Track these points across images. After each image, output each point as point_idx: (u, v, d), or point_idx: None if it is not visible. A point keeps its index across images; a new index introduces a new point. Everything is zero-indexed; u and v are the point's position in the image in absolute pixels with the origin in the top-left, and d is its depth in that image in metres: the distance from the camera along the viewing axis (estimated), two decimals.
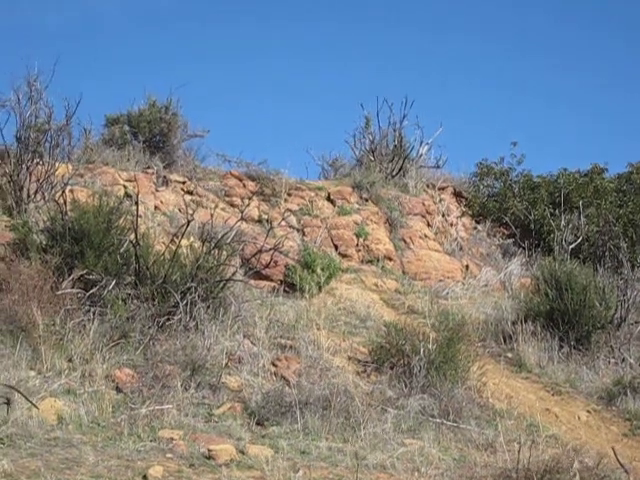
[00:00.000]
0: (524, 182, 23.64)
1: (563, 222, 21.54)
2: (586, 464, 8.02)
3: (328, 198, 21.02)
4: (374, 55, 48.28)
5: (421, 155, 24.07)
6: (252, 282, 16.37)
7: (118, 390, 11.62)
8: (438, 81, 46.38)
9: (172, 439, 10.30)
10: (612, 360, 16.08)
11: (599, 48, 49.73)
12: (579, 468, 7.69)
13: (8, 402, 8.70)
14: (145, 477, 8.98)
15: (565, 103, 48.65)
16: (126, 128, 21.01)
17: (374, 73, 44.92)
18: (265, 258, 16.17)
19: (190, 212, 14.85)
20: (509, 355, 16.04)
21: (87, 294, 13.25)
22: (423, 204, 22.30)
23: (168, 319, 13.37)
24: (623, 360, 16.00)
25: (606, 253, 20.95)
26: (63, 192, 14.62)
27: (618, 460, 7.74)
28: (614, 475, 7.92)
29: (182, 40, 48.97)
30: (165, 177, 19.53)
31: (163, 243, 15.20)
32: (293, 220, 19.89)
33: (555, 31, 49.58)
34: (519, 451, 8.35)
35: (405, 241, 20.89)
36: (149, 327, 13.01)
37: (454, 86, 47.70)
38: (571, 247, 20.86)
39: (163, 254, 14.20)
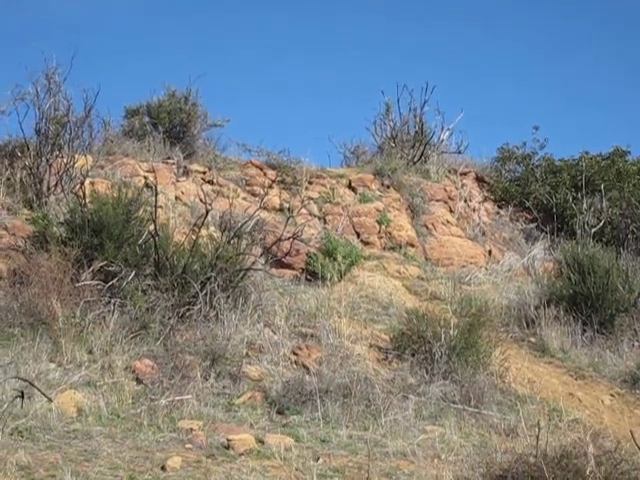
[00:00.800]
0: (546, 166, 23.43)
1: (585, 205, 21.39)
2: (605, 448, 7.98)
3: (349, 185, 20.94)
4: (395, 43, 48.12)
5: (442, 141, 23.92)
6: (274, 271, 16.36)
7: (138, 381, 11.64)
8: (459, 67, 46.14)
9: (192, 429, 10.31)
10: (636, 343, 15.98)
11: (619, 35, 49.40)
12: (597, 452, 7.64)
13: (22, 395, 8.70)
14: (163, 468, 8.99)
15: (586, 87, 48.34)
16: (146, 119, 21.01)
17: (394, 61, 44.83)
18: (286, 246, 16.16)
19: (209, 202, 14.81)
20: (532, 340, 15.97)
21: (107, 286, 13.29)
22: (445, 190, 22.18)
23: (188, 309, 13.40)
24: None
25: (629, 236, 20.81)
26: (82, 184, 14.63)
27: (637, 444, 7.68)
28: (633, 459, 7.87)
29: (201, 30, 49.02)
30: (185, 167, 19.51)
31: (184, 233, 15.18)
32: (314, 208, 19.81)
33: (576, 19, 49.22)
34: (538, 436, 8.27)
35: (427, 227, 20.79)
36: (169, 318, 13.03)
37: (475, 71, 47.53)
38: (594, 230, 20.71)
39: (182, 244, 14.21)
